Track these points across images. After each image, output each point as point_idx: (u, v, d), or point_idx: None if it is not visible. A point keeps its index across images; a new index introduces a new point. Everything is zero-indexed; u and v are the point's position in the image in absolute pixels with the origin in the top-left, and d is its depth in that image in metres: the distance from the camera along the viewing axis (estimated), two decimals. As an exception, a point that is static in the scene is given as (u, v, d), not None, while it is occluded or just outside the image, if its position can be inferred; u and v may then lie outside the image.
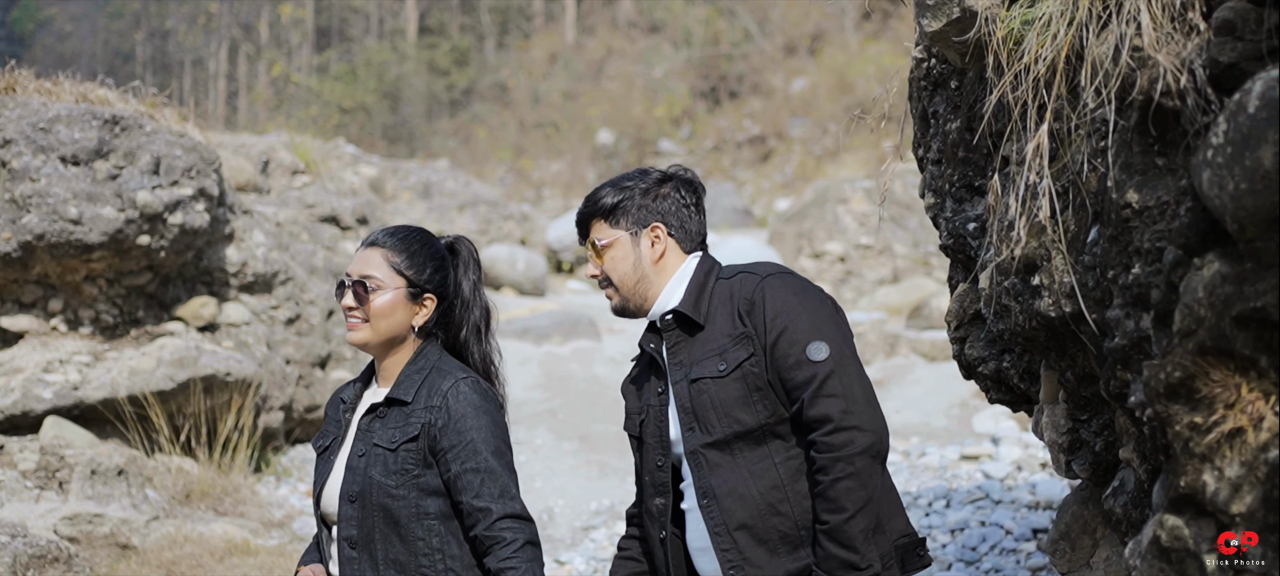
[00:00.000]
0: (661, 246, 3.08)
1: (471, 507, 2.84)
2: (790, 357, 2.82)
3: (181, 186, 7.32)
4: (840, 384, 2.77)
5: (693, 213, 3.12)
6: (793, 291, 2.90)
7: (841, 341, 2.84)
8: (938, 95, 3.90)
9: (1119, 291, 2.60)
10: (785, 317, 2.85)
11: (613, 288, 3.10)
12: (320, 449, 3.06)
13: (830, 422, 2.76)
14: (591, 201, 3.13)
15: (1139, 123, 2.53)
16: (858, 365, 2.84)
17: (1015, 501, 6.78)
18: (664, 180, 3.12)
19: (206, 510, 7.04)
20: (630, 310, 3.12)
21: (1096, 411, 3.19)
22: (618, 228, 3.07)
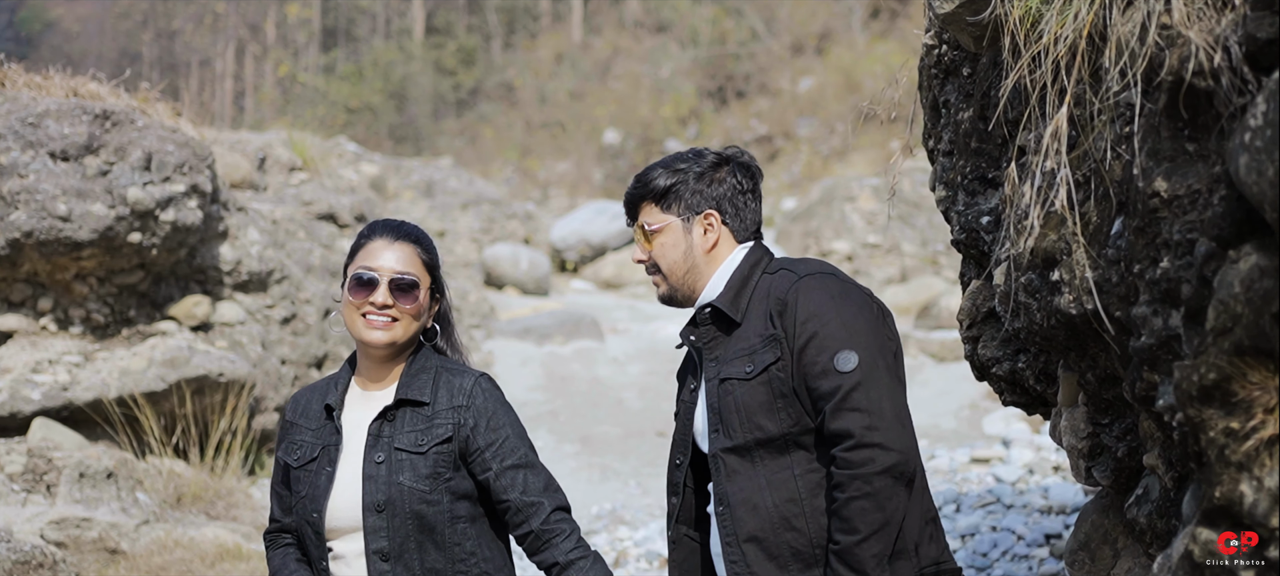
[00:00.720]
0: (714, 235, 2.91)
1: (521, 503, 2.81)
2: (817, 365, 2.65)
3: (173, 183, 7.17)
4: (866, 397, 2.58)
5: (749, 199, 2.95)
6: (829, 294, 2.71)
7: (875, 352, 2.65)
8: (949, 83, 3.72)
9: (1146, 287, 2.42)
10: (816, 322, 2.68)
11: (660, 275, 2.95)
12: (300, 461, 2.86)
13: (851, 438, 2.59)
14: (642, 182, 2.97)
15: (1168, 105, 2.35)
16: (890, 378, 2.64)
17: (1027, 506, 6.60)
18: (720, 163, 2.95)
19: (198, 514, 6.89)
20: (677, 300, 2.96)
21: (1118, 415, 3.01)
22: (669, 212, 2.92)
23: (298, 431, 2.92)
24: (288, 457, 2.90)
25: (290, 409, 2.97)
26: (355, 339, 2.87)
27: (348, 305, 2.84)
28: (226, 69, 51.03)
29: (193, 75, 52.04)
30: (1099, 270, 2.60)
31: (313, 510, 2.80)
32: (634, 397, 9.54)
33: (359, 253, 2.89)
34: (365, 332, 2.82)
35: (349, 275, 2.88)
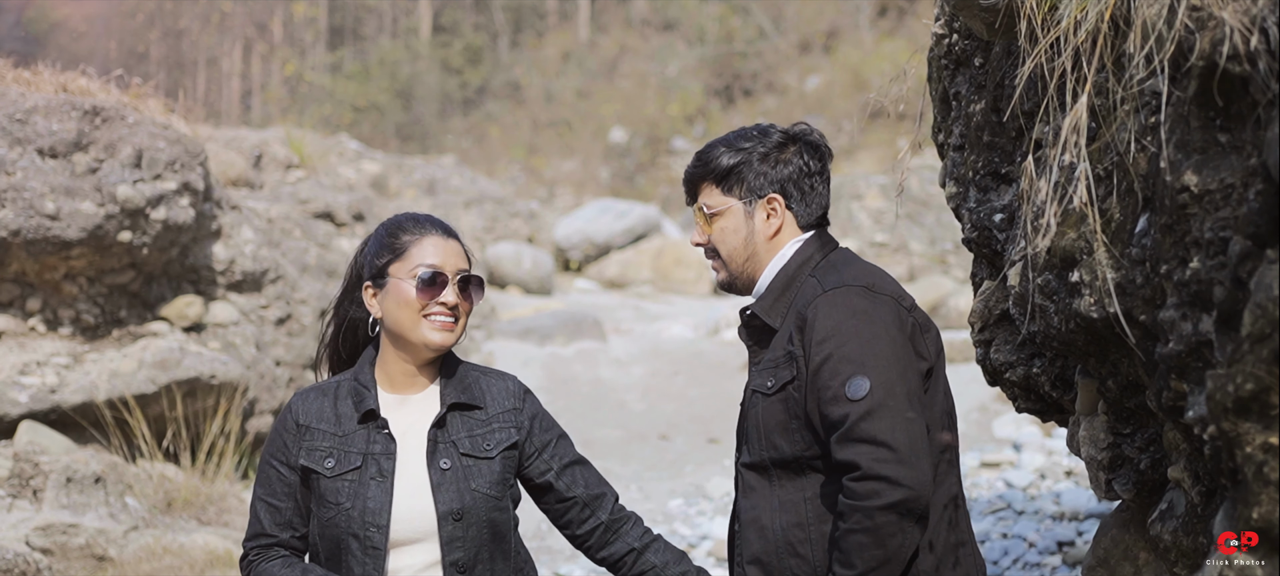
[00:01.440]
0: (778, 221, 2.73)
1: (587, 498, 2.81)
2: (829, 391, 2.47)
3: (165, 180, 7.01)
4: (876, 427, 2.39)
5: (816, 182, 2.76)
6: (850, 312, 2.52)
7: (894, 378, 2.45)
8: (960, 74, 3.55)
9: (1174, 289, 2.24)
10: (832, 343, 2.49)
11: (719, 260, 2.78)
12: (336, 470, 2.65)
13: (858, 470, 2.41)
14: (703, 161, 2.78)
15: (1198, 93, 2.18)
16: (909, 407, 2.44)
17: (1039, 512, 6.43)
18: (787, 141, 2.75)
19: (189, 519, 6.73)
20: (737, 288, 2.80)
21: (1141, 424, 2.83)
22: (730, 195, 2.74)
23: (315, 436, 2.70)
24: (315, 465, 2.67)
25: (300, 412, 2.71)
26: (404, 341, 2.69)
27: (403, 305, 2.65)
28: (233, 68, 50.98)
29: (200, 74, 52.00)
30: (1122, 271, 2.43)
31: (370, 523, 2.62)
32: (636, 400, 9.37)
33: (409, 249, 2.72)
34: (429, 334, 2.67)
35: (401, 274, 2.69)
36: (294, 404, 2.75)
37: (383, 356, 2.73)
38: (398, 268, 2.69)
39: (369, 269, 2.76)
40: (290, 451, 2.69)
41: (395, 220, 2.82)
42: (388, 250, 2.73)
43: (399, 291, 2.67)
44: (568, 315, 11.59)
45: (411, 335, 2.67)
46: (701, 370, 9.99)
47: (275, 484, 2.71)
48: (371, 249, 2.78)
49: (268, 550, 2.71)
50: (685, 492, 7.72)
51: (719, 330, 11.49)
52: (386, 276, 2.71)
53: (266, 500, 2.71)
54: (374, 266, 2.74)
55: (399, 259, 2.70)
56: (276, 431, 2.73)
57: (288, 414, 2.73)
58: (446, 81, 43.62)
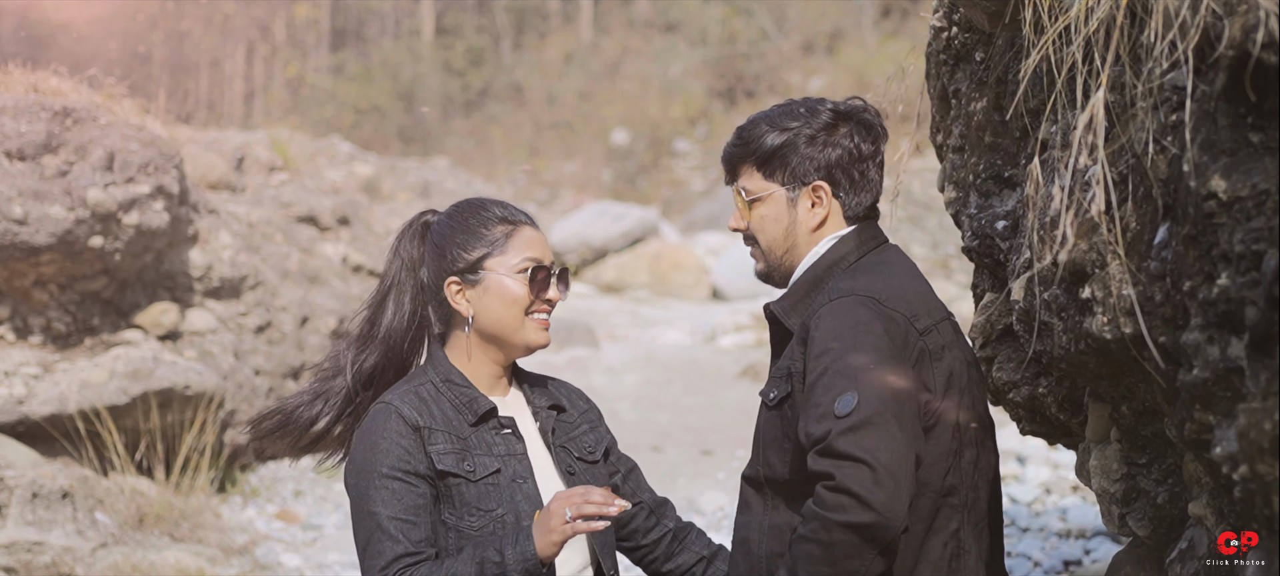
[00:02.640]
0: (822, 211, 2.49)
1: (653, 503, 2.75)
2: (819, 408, 2.24)
3: (137, 183, 6.77)
4: (858, 442, 2.16)
5: (868, 168, 2.51)
6: (851, 324, 2.29)
7: (885, 396, 2.22)
8: (960, 70, 3.29)
9: (1199, 308, 1.98)
10: (830, 358, 2.27)
11: (758, 249, 2.55)
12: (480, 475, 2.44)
13: (831, 479, 2.18)
14: (744, 139, 2.53)
15: (1227, 87, 1.92)
16: (898, 430, 2.21)
17: (1044, 529, 6.17)
18: (837, 121, 2.48)
19: (161, 535, 6.48)
20: (774, 280, 2.57)
21: (1158, 454, 2.57)
22: (772, 180, 2.49)
23: (437, 439, 2.43)
24: (455, 469, 2.41)
25: (408, 415, 2.43)
26: (503, 341, 2.52)
27: (509, 303, 2.48)
28: (236, 70, 50.82)
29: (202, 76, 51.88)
30: (1139, 287, 2.17)
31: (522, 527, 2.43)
32: (628, 409, 9.11)
33: (510, 242, 2.51)
34: (534, 335, 2.53)
35: (502, 269, 2.48)
36: (394, 408, 2.44)
37: (471, 358, 2.53)
38: (498, 262, 2.50)
39: (457, 262, 2.50)
40: (415, 457, 2.40)
41: (478, 207, 2.57)
42: (483, 242, 2.51)
43: (502, 288, 2.49)
44: (560, 321, 11.32)
45: (514, 336, 2.51)
46: (697, 378, 9.74)
47: (406, 497, 2.39)
48: (458, 240, 2.52)
49: (413, 569, 2.39)
50: (678, 507, 7.46)
51: (716, 337, 11.24)
52: (482, 271, 2.49)
53: (401, 518, 2.38)
54: (464, 260, 2.50)
55: (499, 252, 2.50)
56: (388, 439, 2.40)
57: (394, 419, 2.42)
58: (448, 83, 43.50)
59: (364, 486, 2.40)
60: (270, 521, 7.05)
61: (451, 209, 2.63)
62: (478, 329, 2.52)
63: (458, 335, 2.55)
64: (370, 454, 2.41)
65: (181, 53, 52.04)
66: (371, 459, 2.40)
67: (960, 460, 2.40)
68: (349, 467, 2.48)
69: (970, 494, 2.42)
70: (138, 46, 47.97)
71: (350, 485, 2.46)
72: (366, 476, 2.40)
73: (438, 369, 2.54)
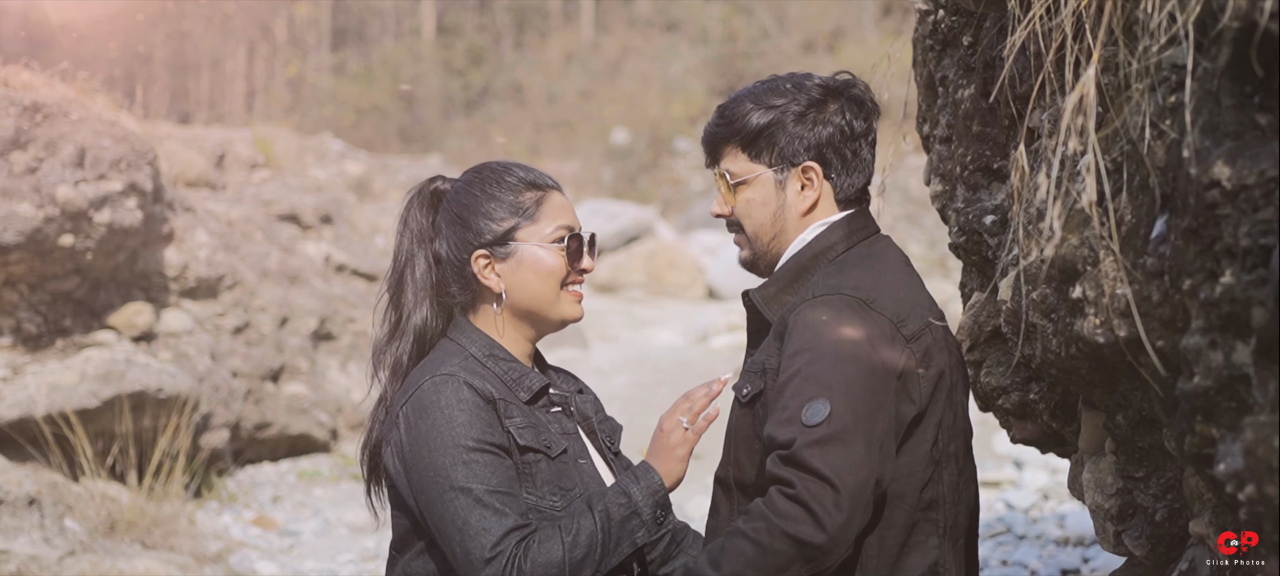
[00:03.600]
0: (813, 194, 2.31)
1: None
2: (786, 411, 2.08)
3: (109, 181, 6.58)
4: (824, 458, 2.00)
5: (861, 147, 2.32)
6: (833, 326, 2.12)
7: (860, 412, 2.05)
8: (947, 56, 3.09)
9: (1200, 309, 1.79)
10: (803, 359, 2.10)
11: (743, 236, 2.36)
12: (556, 451, 2.29)
13: (791, 488, 2.01)
14: (727, 118, 2.33)
15: (1231, 63, 1.72)
16: (865, 450, 2.04)
17: (1041, 536, 5.97)
18: (827, 97, 2.30)
19: (132, 543, 6.29)
20: (759, 268, 2.39)
21: (1157, 467, 2.37)
22: (758, 161, 2.31)
23: (512, 412, 2.24)
24: (537, 444, 2.24)
25: (479, 387, 2.22)
26: (536, 317, 2.35)
27: (544, 276, 2.31)
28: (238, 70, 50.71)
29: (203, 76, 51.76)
30: (1134, 285, 1.97)
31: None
32: (616, 412, 8.86)
33: (541, 209, 2.33)
34: (570, 308, 2.37)
35: (534, 238, 2.31)
36: (461, 379, 2.23)
37: (503, 335, 2.34)
38: (530, 231, 2.32)
39: (483, 234, 2.32)
40: (496, 429, 2.21)
41: (501, 172, 2.37)
42: (511, 211, 2.32)
43: (536, 260, 2.32)
44: (549, 322, 11.10)
45: (550, 310, 2.34)
46: (688, 380, 9.53)
47: (499, 469, 2.18)
48: (483, 210, 2.33)
49: (528, 541, 2.16)
50: (667, 511, 7.26)
51: (708, 337, 11.05)
52: (513, 242, 2.31)
53: (500, 490, 2.16)
54: (492, 231, 2.32)
55: (529, 221, 2.32)
56: (465, 411, 2.18)
57: (465, 390, 2.20)
58: (449, 83, 43.40)
59: (444, 463, 2.16)
60: (247, 528, 6.86)
61: (469, 175, 2.42)
62: (510, 304, 2.33)
63: (485, 310, 2.37)
64: (447, 428, 2.18)
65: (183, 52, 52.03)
66: (449, 433, 2.17)
67: (941, 473, 2.22)
68: (411, 448, 2.21)
69: (951, 512, 2.24)
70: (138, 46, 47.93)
71: (418, 466, 2.19)
72: (446, 452, 2.16)
73: (475, 342, 2.34)
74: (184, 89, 52.04)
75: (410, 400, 2.25)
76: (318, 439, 7.73)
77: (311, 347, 7.87)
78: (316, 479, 7.55)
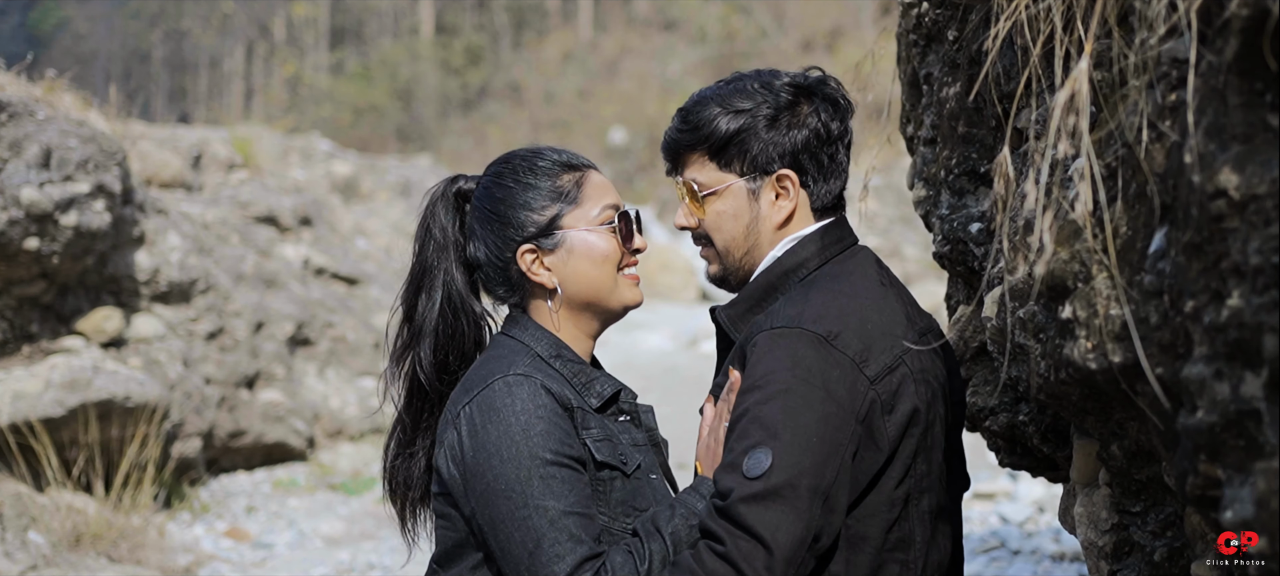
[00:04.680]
0: (789, 204, 2.11)
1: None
2: (729, 454, 1.90)
3: (76, 182, 6.37)
4: (760, 516, 1.82)
5: (837, 150, 2.13)
6: (789, 364, 1.92)
7: (804, 465, 1.86)
8: (931, 52, 2.89)
9: (1204, 334, 1.58)
10: (753, 399, 1.91)
11: (712, 250, 2.16)
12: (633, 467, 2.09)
13: (721, 545, 1.84)
14: (692, 124, 2.14)
15: (1239, 56, 1.52)
16: (808, 507, 1.85)
17: (1037, 551, 5.77)
18: (799, 97, 2.11)
19: (98, 556, 6.09)
20: (730, 283, 2.22)
21: (1155, 501, 2.16)
22: (728, 170, 2.12)
23: (589, 422, 2.04)
24: (614, 460, 2.04)
25: (556, 393, 2.03)
26: (596, 307, 2.16)
27: (599, 261, 2.13)
28: (235, 69, 50.57)
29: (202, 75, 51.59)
30: (1130, 305, 1.77)
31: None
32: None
33: (584, 191, 2.14)
34: (629, 292, 2.18)
35: (581, 222, 2.12)
36: (539, 382, 2.01)
37: (561, 331, 2.13)
38: (575, 216, 2.15)
39: (526, 227, 2.12)
40: (574, 440, 2.01)
41: (532, 157, 2.18)
42: (552, 197, 2.13)
43: (588, 247, 2.13)
44: (538, 325, 10.92)
45: (609, 298, 2.15)
46: (675, 386, 9.34)
47: (577, 487, 1.97)
48: (521, 201, 2.13)
49: (599, 571, 1.95)
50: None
51: (697, 342, 10.84)
52: (559, 230, 2.12)
53: (578, 512, 1.95)
54: (535, 222, 2.12)
55: (574, 204, 2.15)
56: (543, 419, 1.98)
57: (543, 394, 2.00)
58: (447, 82, 43.29)
59: (517, 476, 1.94)
60: (219, 540, 6.66)
61: (496, 166, 2.22)
62: (566, 298, 2.14)
63: (539, 308, 2.17)
64: (522, 436, 1.96)
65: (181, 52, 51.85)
66: (525, 442, 1.96)
67: (913, 509, 2.02)
68: (475, 454, 1.99)
69: (924, 546, 2.04)
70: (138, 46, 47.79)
71: (482, 475, 1.97)
72: (520, 463, 1.95)
73: (540, 340, 2.13)
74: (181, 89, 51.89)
75: (475, 400, 2.02)
76: (294, 447, 7.53)
77: (288, 353, 7.67)
78: (292, 488, 7.35)
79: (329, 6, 50.60)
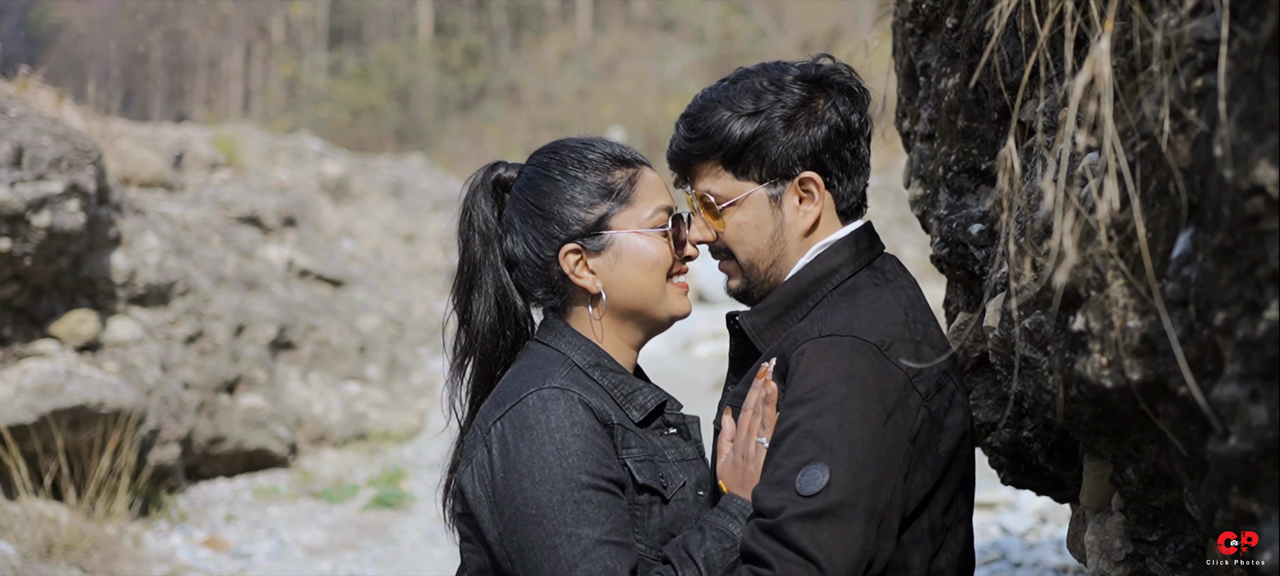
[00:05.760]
0: (815, 208, 1.95)
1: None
2: (778, 471, 1.74)
3: (49, 181, 6.19)
4: (813, 536, 1.67)
5: (859, 145, 1.97)
6: (843, 376, 1.76)
7: (862, 484, 1.71)
8: (929, 42, 2.71)
9: (1237, 350, 1.39)
10: (805, 412, 1.75)
11: (734, 264, 1.99)
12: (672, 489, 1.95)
13: (766, 570, 1.68)
14: (701, 132, 1.96)
15: (1278, 34, 1.33)
16: (863, 532, 1.70)
17: (1039, 563, 5.60)
18: (814, 92, 1.93)
19: (70, 567, 5.90)
20: (754, 299, 2.05)
21: (1175, 530, 1.97)
22: (746, 178, 1.95)
23: (630, 441, 1.90)
24: (654, 482, 1.89)
25: (595, 407, 1.87)
26: (642, 316, 2.01)
27: (649, 267, 1.98)
28: (234, 70, 50.44)
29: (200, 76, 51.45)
30: (1151, 317, 1.58)
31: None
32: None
33: (636, 190, 1.97)
34: (678, 303, 2.04)
35: (631, 224, 1.96)
36: (576, 395, 1.85)
37: (604, 340, 2.01)
38: (625, 216, 2.00)
39: (571, 224, 1.96)
40: (613, 461, 1.85)
41: (582, 149, 2.01)
42: (602, 193, 1.97)
43: (637, 250, 1.98)
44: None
45: (656, 307, 2.01)
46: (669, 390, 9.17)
47: (615, 512, 1.81)
48: (567, 196, 1.96)
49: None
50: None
51: (691, 345, 10.66)
52: (607, 231, 1.97)
53: (614, 541, 1.79)
54: (581, 220, 1.96)
55: (625, 204, 2.00)
56: (580, 438, 1.82)
57: (580, 410, 1.84)
58: (445, 82, 43.19)
59: (552, 501, 1.78)
60: (196, 549, 6.47)
61: (542, 156, 2.05)
62: (611, 305, 1.99)
63: (579, 313, 2.02)
64: (556, 457, 1.80)
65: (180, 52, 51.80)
66: (560, 463, 1.80)
67: (952, 539, 1.92)
68: (506, 475, 1.83)
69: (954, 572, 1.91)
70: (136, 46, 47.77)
71: (513, 498, 1.82)
72: (554, 486, 1.78)
73: (577, 349, 1.97)
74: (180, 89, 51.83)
75: (508, 416, 1.86)
76: (276, 454, 7.34)
77: (270, 357, 7.49)
78: (273, 496, 7.16)
79: (327, 7, 50.53)
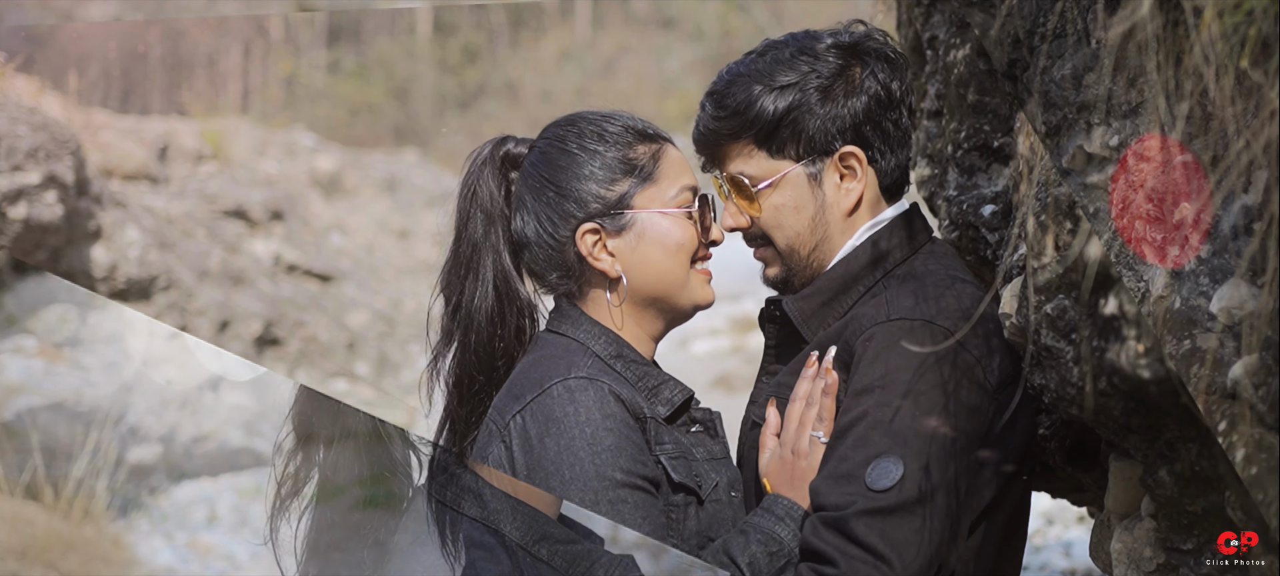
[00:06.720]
0: (858, 186, 1.81)
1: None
2: (845, 464, 1.63)
3: (26, 172, 6.07)
4: (884, 532, 1.56)
5: (902, 115, 1.84)
6: (915, 365, 1.65)
7: (938, 483, 1.60)
8: (937, 12, 2.54)
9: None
10: (874, 401, 1.64)
11: (772, 250, 1.89)
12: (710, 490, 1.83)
13: (831, 568, 1.57)
14: (732, 108, 1.82)
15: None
16: (937, 530, 1.60)
17: (1045, 566, 5.49)
18: (850, 60, 1.80)
19: (47, 569, 5.75)
20: (795, 287, 1.91)
21: (1211, 537, 1.80)
22: (782, 156, 1.82)
23: (663, 437, 1.78)
24: (690, 481, 1.77)
25: (628, 401, 1.75)
26: (665, 303, 1.88)
27: (673, 250, 1.86)
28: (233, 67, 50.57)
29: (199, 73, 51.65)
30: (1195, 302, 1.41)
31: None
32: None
33: (660, 168, 1.84)
34: (701, 290, 1.90)
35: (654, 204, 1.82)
36: (607, 387, 1.72)
37: (623, 328, 1.87)
38: (648, 195, 1.88)
39: (589, 202, 1.81)
40: (647, 457, 1.74)
41: (602, 122, 1.88)
42: (624, 170, 1.84)
43: (661, 232, 1.86)
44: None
45: (679, 295, 1.88)
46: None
47: (651, 513, 1.71)
48: (585, 172, 1.83)
49: None
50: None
51: (687, 342, 10.56)
52: (628, 210, 1.86)
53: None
54: (601, 198, 1.86)
55: (648, 182, 1.89)
56: (613, 433, 1.70)
57: (612, 402, 1.73)
58: (444, 81, 43.22)
59: (587, 501, 1.68)
60: (178, 551, 6.32)
61: (557, 129, 1.92)
62: (632, 290, 1.86)
63: (597, 298, 1.89)
64: (588, 453, 1.68)
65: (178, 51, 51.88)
66: (592, 459, 1.68)
67: (1014, 544, 1.84)
68: (531, 472, 1.71)
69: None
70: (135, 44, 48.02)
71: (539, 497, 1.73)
72: (586, 485, 1.67)
73: (596, 338, 1.82)
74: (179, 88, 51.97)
75: (529, 409, 1.73)
76: (261, 453, 7.20)
77: (256, 354, 7.36)
78: (258, 497, 7.01)
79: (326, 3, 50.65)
